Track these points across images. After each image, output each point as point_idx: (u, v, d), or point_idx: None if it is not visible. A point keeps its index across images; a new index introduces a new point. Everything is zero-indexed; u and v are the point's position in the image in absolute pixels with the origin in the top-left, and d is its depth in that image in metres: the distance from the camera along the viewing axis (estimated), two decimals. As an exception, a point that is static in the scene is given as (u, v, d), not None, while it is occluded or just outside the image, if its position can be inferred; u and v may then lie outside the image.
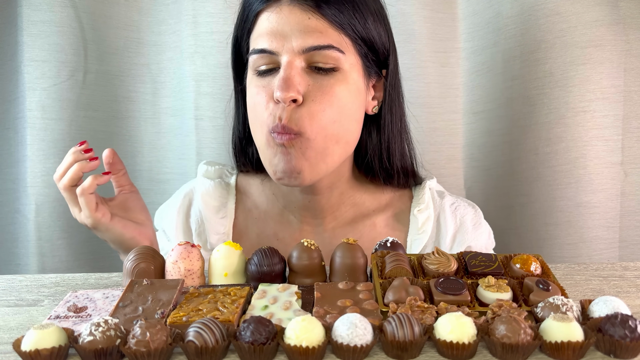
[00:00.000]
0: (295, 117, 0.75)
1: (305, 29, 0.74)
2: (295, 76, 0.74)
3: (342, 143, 0.80)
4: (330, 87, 0.76)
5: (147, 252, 0.66)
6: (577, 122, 1.08)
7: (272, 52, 0.76)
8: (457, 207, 0.91)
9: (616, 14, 1.07)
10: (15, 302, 0.65)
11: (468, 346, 0.48)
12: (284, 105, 0.74)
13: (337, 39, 0.76)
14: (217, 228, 0.90)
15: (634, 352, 0.49)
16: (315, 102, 0.75)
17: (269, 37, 0.76)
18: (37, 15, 1.07)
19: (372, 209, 0.91)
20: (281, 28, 0.75)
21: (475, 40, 1.16)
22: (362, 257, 0.66)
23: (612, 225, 1.11)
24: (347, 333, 0.48)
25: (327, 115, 0.76)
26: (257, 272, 0.64)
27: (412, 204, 0.91)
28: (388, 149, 0.86)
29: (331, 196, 0.88)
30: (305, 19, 0.75)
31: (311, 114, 0.75)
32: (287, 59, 0.75)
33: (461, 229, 0.89)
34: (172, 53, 1.15)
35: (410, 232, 0.89)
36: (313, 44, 0.74)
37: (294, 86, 0.74)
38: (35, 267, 1.13)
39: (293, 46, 0.74)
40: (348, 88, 0.78)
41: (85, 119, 1.13)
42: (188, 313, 0.54)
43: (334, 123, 0.77)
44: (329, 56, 0.75)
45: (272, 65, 0.77)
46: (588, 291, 0.67)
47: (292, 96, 0.74)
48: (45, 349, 0.48)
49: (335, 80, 0.76)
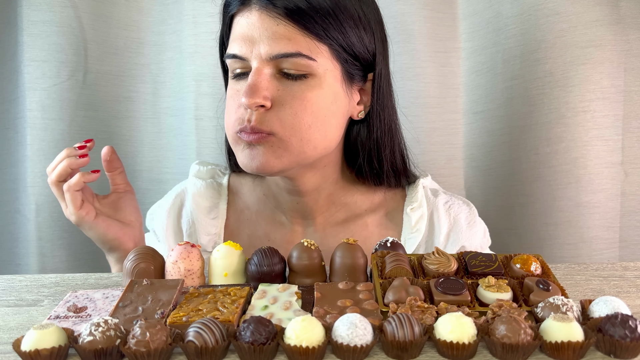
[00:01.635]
0: (265, 119, 0.75)
1: (273, 36, 0.73)
2: (262, 82, 0.74)
3: (320, 148, 0.79)
4: (302, 92, 0.75)
5: (147, 252, 0.66)
6: (577, 122, 1.08)
7: (242, 57, 0.75)
8: (450, 205, 0.90)
9: (616, 14, 1.07)
10: (15, 302, 0.65)
11: (468, 346, 0.48)
12: (251, 110, 0.75)
13: (307, 45, 0.74)
14: (208, 229, 0.90)
15: (634, 352, 0.49)
16: (285, 106, 0.74)
17: (239, 42, 0.76)
18: (37, 15, 1.07)
19: (364, 209, 0.90)
20: (250, 33, 0.75)
21: (475, 40, 1.16)
22: (362, 257, 0.66)
23: (612, 225, 1.11)
24: (347, 333, 0.48)
25: (302, 120, 0.75)
26: (257, 272, 0.64)
27: (405, 203, 0.90)
28: (378, 152, 0.85)
29: (319, 198, 0.87)
30: (273, 25, 0.73)
31: (281, 117, 0.74)
32: (256, 65, 0.75)
33: (455, 227, 0.89)
34: (172, 53, 1.15)
35: (404, 231, 0.88)
36: (280, 52, 0.73)
37: (260, 92, 0.73)
38: (35, 267, 1.13)
39: (261, 52, 0.74)
40: (322, 94, 0.76)
41: (85, 119, 1.13)
42: (188, 313, 0.54)
43: (309, 128, 0.76)
44: (298, 63, 0.74)
45: (245, 69, 0.77)
46: (588, 291, 0.67)
47: (258, 102, 0.73)
48: (45, 349, 0.48)
49: (307, 86, 0.75)
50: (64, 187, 0.78)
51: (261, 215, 0.91)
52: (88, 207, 0.79)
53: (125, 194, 0.85)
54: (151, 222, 0.95)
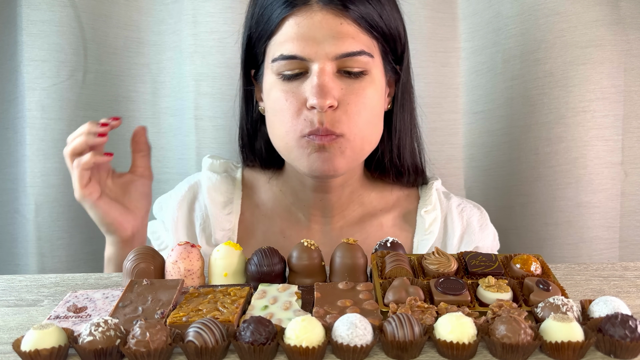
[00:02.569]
0: (335, 120, 0.74)
1: (338, 35, 0.73)
2: (329, 82, 0.74)
3: (373, 145, 0.80)
4: (362, 90, 0.76)
5: (147, 252, 0.66)
6: (577, 122, 1.08)
7: (304, 58, 0.74)
8: (463, 208, 0.92)
9: (616, 14, 1.07)
10: (15, 302, 0.65)
11: (468, 346, 0.48)
12: (320, 111, 0.74)
13: (367, 43, 0.76)
14: (223, 224, 0.89)
15: (634, 352, 0.49)
16: (350, 105, 0.75)
17: (299, 43, 0.74)
18: (36, 14, 1.07)
19: (379, 209, 0.90)
20: (313, 34, 0.74)
21: (475, 40, 1.16)
22: (362, 257, 0.66)
23: (612, 225, 1.11)
24: (347, 333, 0.48)
25: (363, 118, 0.76)
26: (257, 272, 0.64)
27: (419, 205, 0.91)
28: (399, 146, 0.86)
29: (342, 194, 0.87)
30: (337, 25, 0.74)
31: (349, 117, 0.75)
32: (319, 65, 0.74)
33: (468, 230, 0.90)
34: (172, 53, 1.15)
35: (417, 233, 0.89)
36: (346, 50, 0.74)
37: (330, 93, 0.73)
38: (35, 267, 1.13)
39: (326, 52, 0.73)
40: (376, 90, 0.78)
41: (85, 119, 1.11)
42: (188, 313, 0.54)
43: (368, 125, 0.77)
44: (361, 61, 0.75)
45: (299, 70, 0.76)
46: (588, 291, 0.67)
47: (330, 103, 0.73)
48: (45, 349, 0.48)
49: (366, 83, 0.76)
50: (74, 163, 0.76)
51: (276, 211, 0.90)
52: (93, 187, 0.77)
53: (140, 179, 0.83)
54: (159, 211, 0.94)
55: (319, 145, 0.75)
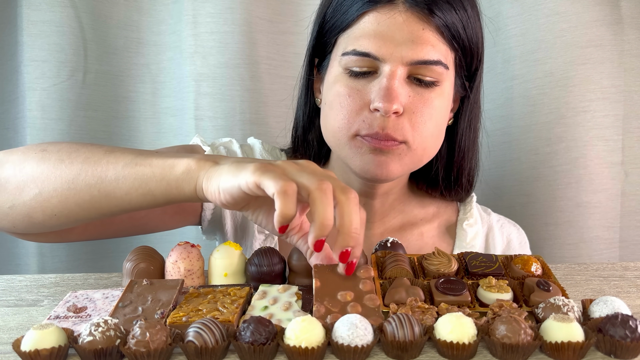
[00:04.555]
0: (398, 127, 0.71)
1: (417, 40, 0.70)
2: (398, 88, 0.70)
3: (429, 156, 0.78)
4: (431, 100, 0.73)
5: (147, 252, 0.66)
6: (577, 122, 1.08)
7: (377, 58, 0.71)
8: (502, 224, 0.92)
9: (616, 14, 1.07)
10: (15, 302, 0.65)
11: (468, 346, 0.48)
12: (383, 115, 0.71)
13: (445, 53, 0.72)
14: None
15: (634, 353, 0.48)
16: (416, 114, 0.72)
17: (376, 42, 0.71)
18: (37, 15, 1.07)
19: (420, 218, 0.89)
20: (391, 34, 0.70)
21: (475, 40, 1.16)
22: (362, 258, 0.66)
23: (612, 225, 1.11)
24: (348, 334, 0.48)
25: (428, 129, 0.73)
26: (257, 272, 0.64)
27: (459, 217, 0.90)
28: (460, 164, 0.84)
29: (385, 201, 0.86)
30: (419, 30, 0.70)
31: (414, 125, 0.72)
32: (391, 67, 0.70)
33: (509, 246, 0.90)
34: (172, 53, 1.15)
35: (458, 245, 0.88)
36: (423, 58, 0.70)
37: (397, 98, 0.70)
38: (35, 267, 1.13)
39: (402, 56, 0.70)
40: (444, 102, 0.75)
41: (85, 119, 1.13)
42: (188, 313, 0.54)
43: (432, 137, 0.74)
44: (435, 71, 0.72)
45: (368, 68, 0.72)
46: (588, 291, 0.67)
47: (396, 109, 0.70)
48: (45, 349, 0.48)
49: (436, 94, 0.73)
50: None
51: None
52: None
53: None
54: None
55: (375, 148, 0.72)
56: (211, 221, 0.88)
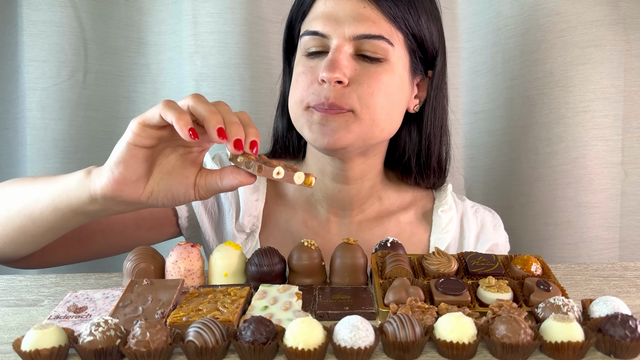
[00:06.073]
0: (343, 96, 0.75)
1: (358, 17, 0.76)
2: (342, 59, 0.75)
3: (385, 132, 0.81)
4: (378, 74, 0.77)
5: (147, 252, 0.66)
6: (577, 122, 1.08)
7: (324, 34, 0.77)
8: (477, 209, 0.94)
9: (616, 14, 1.07)
10: (15, 302, 0.65)
11: (468, 346, 0.48)
12: (329, 85, 0.75)
13: (388, 31, 0.77)
14: (250, 210, 0.88)
15: (634, 352, 0.49)
16: (362, 85, 0.76)
17: (322, 21, 0.77)
18: (37, 15, 1.08)
19: (397, 206, 0.91)
20: (336, 13, 0.76)
21: (475, 40, 1.16)
22: (362, 257, 0.66)
23: (612, 225, 1.11)
24: (350, 336, 0.48)
25: (376, 101, 0.77)
26: (257, 272, 0.64)
27: (435, 205, 0.92)
28: (428, 149, 0.87)
29: (362, 188, 0.87)
30: (360, 8, 0.76)
31: (360, 95, 0.76)
32: (337, 42, 0.76)
33: (483, 229, 0.92)
34: (172, 53, 1.15)
35: (434, 231, 0.90)
36: (364, 32, 0.75)
37: (340, 68, 0.74)
38: (35, 267, 1.13)
39: (345, 32, 0.76)
40: (394, 79, 0.78)
41: (85, 119, 1.13)
42: (188, 313, 0.54)
43: (382, 109, 0.77)
44: (378, 46, 0.76)
45: (321, 48, 0.78)
46: (588, 291, 0.67)
47: (338, 77, 0.74)
48: (45, 349, 0.48)
49: (382, 69, 0.77)
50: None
51: (298, 202, 0.90)
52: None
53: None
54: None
55: (321, 117, 0.76)
56: (189, 228, 0.91)
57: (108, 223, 0.84)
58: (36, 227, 0.70)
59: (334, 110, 0.75)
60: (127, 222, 0.85)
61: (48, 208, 0.67)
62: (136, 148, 0.60)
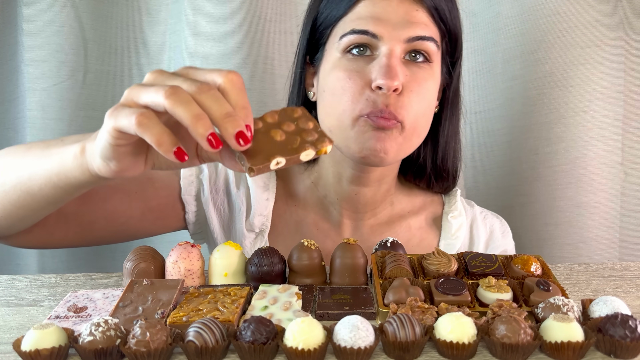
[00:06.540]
0: (398, 105, 0.74)
1: (412, 19, 0.74)
2: (397, 65, 0.73)
3: (421, 139, 0.80)
4: (425, 80, 0.76)
5: (147, 252, 0.66)
6: (577, 122, 1.08)
7: (376, 35, 0.74)
8: (485, 216, 0.94)
9: (616, 14, 1.07)
10: (15, 302, 0.65)
11: (468, 346, 0.48)
12: (385, 93, 0.73)
13: (436, 35, 0.77)
14: (261, 209, 0.86)
15: (634, 352, 0.49)
16: (412, 92, 0.75)
17: (373, 21, 0.74)
18: (37, 15, 1.08)
19: (407, 210, 0.91)
20: (387, 15, 0.74)
21: (475, 40, 1.16)
22: (362, 257, 0.66)
23: (612, 225, 1.11)
24: (350, 336, 0.48)
25: (420, 109, 0.76)
26: (257, 272, 0.64)
27: (445, 210, 0.92)
28: (445, 151, 0.87)
29: (378, 191, 0.86)
30: (413, 10, 0.75)
31: (410, 104, 0.74)
32: (389, 46, 0.74)
33: (492, 236, 0.92)
34: (172, 53, 1.15)
35: (443, 237, 0.90)
36: (419, 34, 0.74)
37: (397, 75, 0.72)
38: (35, 267, 1.13)
39: (399, 34, 0.74)
40: (434, 84, 0.78)
41: (85, 119, 1.13)
42: (188, 313, 0.54)
43: (422, 117, 0.77)
44: (429, 48, 0.76)
45: (367, 45, 0.75)
46: (588, 291, 0.67)
47: (396, 85, 0.72)
48: (45, 349, 0.48)
49: (428, 73, 0.77)
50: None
51: (309, 203, 0.89)
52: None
53: None
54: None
55: (378, 126, 0.73)
56: (196, 223, 0.89)
57: (113, 210, 0.80)
58: (36, 202, 0.66)
59: (391, 122, 0.73)
60: (132, 212, 0.82)
61: (47, 185, 0.63)
62: (120, 147, 0.55)
